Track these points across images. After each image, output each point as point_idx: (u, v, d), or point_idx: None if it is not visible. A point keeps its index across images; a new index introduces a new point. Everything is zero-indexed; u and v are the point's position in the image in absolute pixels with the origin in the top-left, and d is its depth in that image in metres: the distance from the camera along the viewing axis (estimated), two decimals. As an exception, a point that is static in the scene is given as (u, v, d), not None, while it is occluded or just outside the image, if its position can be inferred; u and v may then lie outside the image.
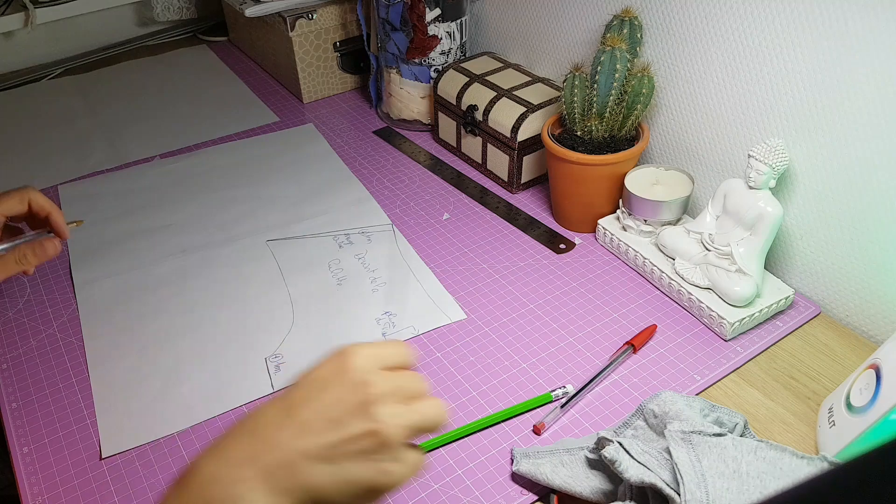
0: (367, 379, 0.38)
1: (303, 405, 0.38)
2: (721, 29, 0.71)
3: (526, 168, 0.89)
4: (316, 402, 0.38)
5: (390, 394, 0.39)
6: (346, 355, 0.39)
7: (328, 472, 0.37)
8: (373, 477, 0.38)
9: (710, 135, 0.77)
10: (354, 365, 0.39)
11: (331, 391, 0.38)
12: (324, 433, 0.37)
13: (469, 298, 0.74)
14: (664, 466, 0.51)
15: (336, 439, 0.37)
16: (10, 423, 0.63)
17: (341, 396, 0.38)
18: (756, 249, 0.68)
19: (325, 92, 1.14)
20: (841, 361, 0.66)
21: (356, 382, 0.38)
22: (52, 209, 0.68)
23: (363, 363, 0.39)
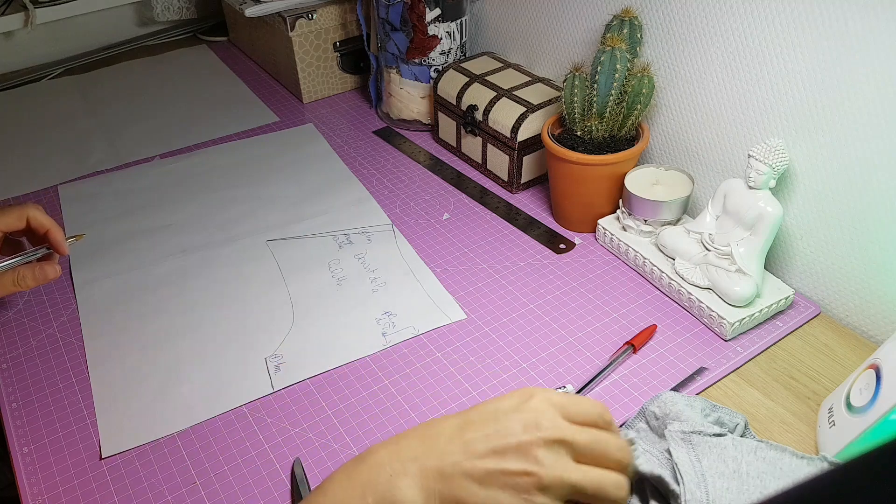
0: (540, 421, 0.41)
1: (475, 427, 0.41)
2: (721, 29, 0.71)
3: (526, 168, 0.89)
4: (487, 428, 0.41)
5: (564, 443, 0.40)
6: (530, 393, 0.42)
7: (478, 493, 0.40)
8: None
9: (710, 135, 0.77)
10: (533, 405, 0.41)
11: (503, 422, 0.41)
12: (485, 459, 0.40)
13: (469, 298, 0.74)
14: (665, 466, 0.51)
15: (494, 468, 0.40)
16: (10, 423, 0.63)
17: (511, 430, 0.41)
18: (756, 249, 0.68)
19: (325, 92, 1.14)
20: (841, 361, 0.66)
21: (528, 422, 0.41)
22: (51, 226, 0.68)
23: (542, 406, 0.41)
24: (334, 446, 0.60)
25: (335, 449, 0.60)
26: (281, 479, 0.58)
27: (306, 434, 0.61)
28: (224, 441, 0.61)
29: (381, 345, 0.69)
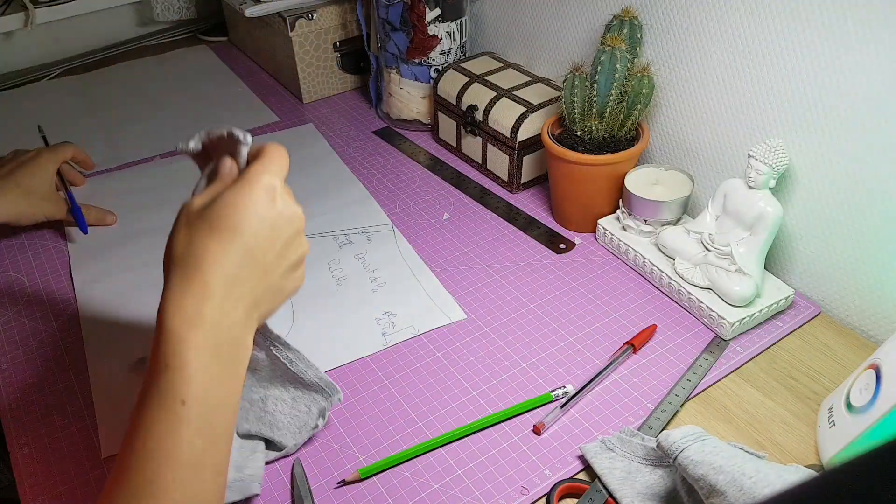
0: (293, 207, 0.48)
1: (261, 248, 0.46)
2: (721, 29, 0.71)
3: (526, 168, 0.89)
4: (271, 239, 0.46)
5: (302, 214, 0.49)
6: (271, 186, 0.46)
7: (276, 296, 0.49)
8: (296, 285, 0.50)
9: (710, 135, 0.77)
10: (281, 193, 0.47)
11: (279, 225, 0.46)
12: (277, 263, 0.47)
13: (469, 298, 0.74)
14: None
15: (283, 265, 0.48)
16: (10, 423, 0.63)
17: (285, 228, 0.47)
18: (756, 249, 0.68)
19: (325, 92, 1.14)
20: (841, 361, 0.66)
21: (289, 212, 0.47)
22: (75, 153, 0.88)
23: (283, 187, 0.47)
24: (334, 446, 0.60)
25: (335, 449, 0.60)
26: (281, 479, 0.58)
27: (306, 434, 0.61)
28: (224, 441, 0.61)
29: (381, 344, 0.69)
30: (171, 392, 0.41)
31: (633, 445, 0.57)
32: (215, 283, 0.43)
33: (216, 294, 0.43)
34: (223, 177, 0.48)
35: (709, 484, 0.48)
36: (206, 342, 0.42)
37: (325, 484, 0.57)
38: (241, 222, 0.44)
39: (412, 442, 0.60)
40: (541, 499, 0.56)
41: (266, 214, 0.45)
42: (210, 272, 0.43)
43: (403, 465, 0.58)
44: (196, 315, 0.43)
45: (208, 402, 0.42)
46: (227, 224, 0.44)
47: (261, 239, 0.45)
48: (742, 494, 0.46)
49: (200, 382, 0.42)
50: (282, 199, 0.46)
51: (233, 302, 0.44)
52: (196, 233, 0.44)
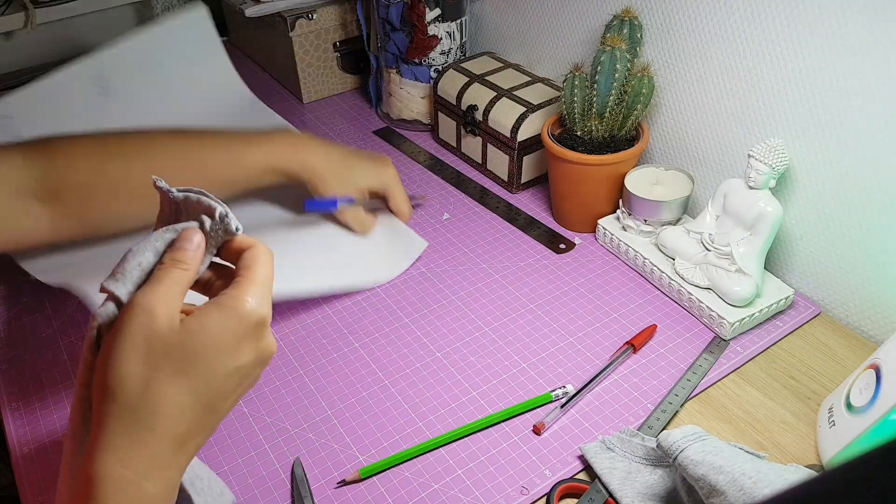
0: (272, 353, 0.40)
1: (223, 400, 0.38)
2: (721, 29, 0.71)
3: (526, 168, 0.89)
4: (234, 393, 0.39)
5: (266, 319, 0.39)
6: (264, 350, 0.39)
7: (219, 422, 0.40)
8: (254, 382, 0.41)
9: (710, 135, 0.77)
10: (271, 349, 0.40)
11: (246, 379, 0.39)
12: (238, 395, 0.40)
13: (469, 298, 0.74)
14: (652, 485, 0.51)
15: (246, 389, 0.40)
16: (10, 423, 0.63)
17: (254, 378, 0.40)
18: (756, 249, 0.68)
19: (325, 92, 1.14)
20: (841, 361, 0.66)
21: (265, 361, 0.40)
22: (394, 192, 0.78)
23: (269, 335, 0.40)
24: (334, 446, 0.60)
25: (335, 449, 0.60)
26: (281, 479, 0.58)
27: (306, 434, 0.61)
28: (224, 441, 0.61)
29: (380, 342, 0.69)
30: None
31: (633, 445, 0.57)
32: (169, 445, 0.35)
33: (164, 462, 0.35)
34: (191, 268, 0.39)
35: (709, 484, 0.48)
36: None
37: (325, 484, 0.57)
38: (218, 371, 0.37)
39: (412, 442, 0.60)
40: (541, 499, 0.56)
41: (247, 361, 0.38)
42: (166, 434, 0.35)
43: (403, 465, 0.58)
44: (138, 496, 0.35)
45: None
46: (201, 372, 0.36)
47: (232, 389, 0.38)
48: (742, 494, 0.46)
49: None
50: (268, 336, 0.39)
51: (177, 466, 0.37)
52: (158, 373, 0.35)
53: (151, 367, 0.35)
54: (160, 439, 0.35)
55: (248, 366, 0.38)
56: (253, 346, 0.38)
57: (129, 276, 0.39)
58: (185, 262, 0.38)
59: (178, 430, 0.36)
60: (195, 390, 0.36)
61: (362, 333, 0.71)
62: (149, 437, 0.35)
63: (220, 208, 0.40)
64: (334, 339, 0.70)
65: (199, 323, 0.36)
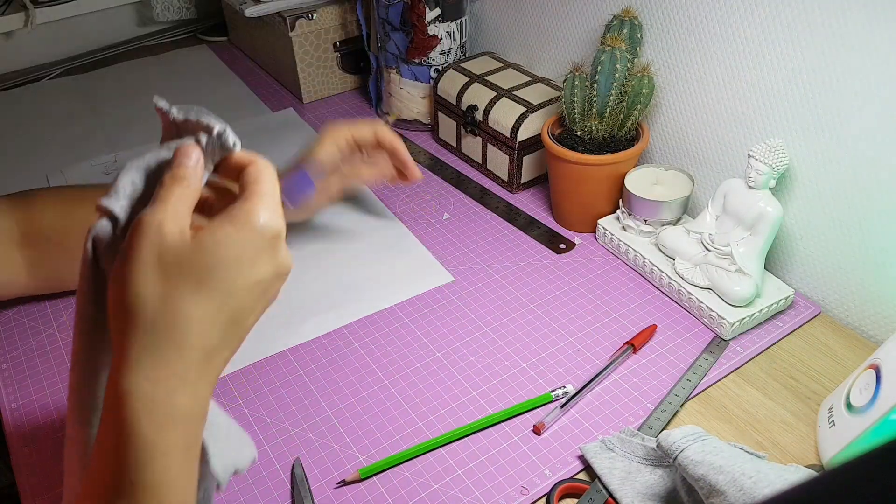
0: (289, 268, 0.39)
1: (245, 314, 0.37)
2: (721, 29, 0.71)
3: (526, 168, 0.89)
4: (256, 307, 0.38)
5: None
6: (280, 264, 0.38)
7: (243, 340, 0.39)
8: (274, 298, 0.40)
9: (710, 135, 0.77)
10: (283, 258, 0.38)
11: (273, 288, 0.38)
12: (260, 310, 0.38)
13: (469, 298, 0.74)
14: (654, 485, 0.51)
15: (267, 304, 0.39)
16: (10, 423, 0.63)
17: (274, 292, 0.39)
18: (756, 249, 0.68)
19: (325, 92, 1.14)
20: (841, 361, 0.66)
21: (284, 275, 0.38)
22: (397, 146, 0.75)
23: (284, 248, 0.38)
24: (334, 446, 0.60)
25: (335, 449, 0.60)
26: (281, 479, 0.58)
27: (306, 434, 0.61)
28: (224, 441, 0.61)
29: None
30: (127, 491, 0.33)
31: (633, 445, 0.57)
32: (195, 363, 0.35)
33: (192, 377, 0.35)
34: (192, 185, 0.38)
35: (709, 484, 0.48)
36: (180, 445, 0.34)
37: (325, 484, 0.57)
38: (238, 284, 0.36)
39: (412, 442, 0.60)
40: (541, 499, 0.56)
41: (267, 275, 0.37)
42: (191, 349, 0.34)
43: (403, 465, 0.58)
44: (171, 411, 0.34)
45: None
46: (221, 286, 0.35)
47: (254, 303, 0.37)
48: (742, 494, 0.46)
49: (172, 493, 0.34)
50: (283, 249, 0.38)
51: (206, 382, 0.36)
52: (176, 287, 0.34)
53: (168, 283, 0.34)
54: (185, 355, 0.34)
55: (267, 280, 0.37)
56: (270, 259, 0.37)
57: (122, 191, 0.38)
58: (187, 178, 0.37)
59: (202, 345, 0.35)
60: (216, 304, 0.35)
61: (362, 333, 0.71)
62: (173, 353, 0.34)
63: (219, 125, 0.39)
64: (334, 338, 0.70)
65: (214, 238, 0.35)
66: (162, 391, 0.34)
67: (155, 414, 0.33)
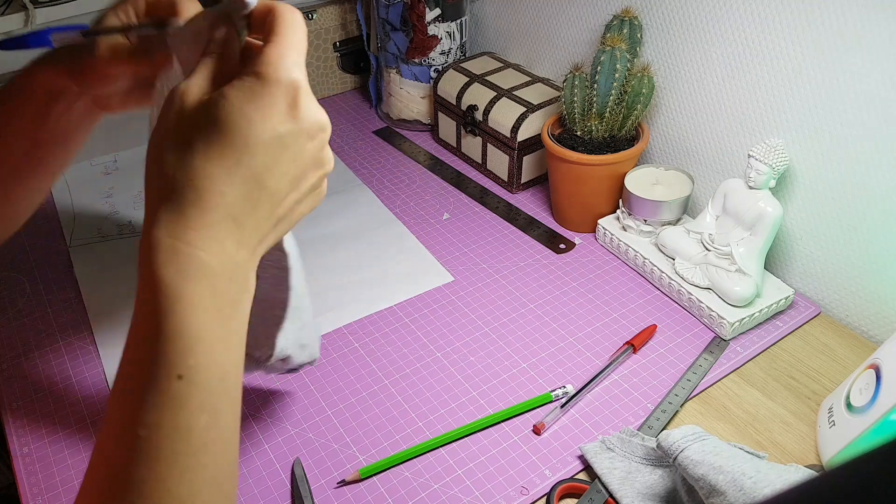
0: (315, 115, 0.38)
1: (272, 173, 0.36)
2: (721, 29, 0.71)
3: (526, 168, 0.89)
4: (280, 166, 0.37)
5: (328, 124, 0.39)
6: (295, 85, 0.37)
7: (286, 226, 0.39)
8: (314, 204, 0.41)
9: (710, 135, 0.77)
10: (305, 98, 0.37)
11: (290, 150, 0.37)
12: (292, 193, 0.38)
13: (469, 298, 0.74)
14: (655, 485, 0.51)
15: (300, 193, 0.39)
16: (10, 423, 0.63)
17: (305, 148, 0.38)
18: (756, 249, 0.68)
19: (324, 92, 1.14)
20: (841, 361, 0.66)
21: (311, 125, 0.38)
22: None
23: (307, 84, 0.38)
24: (334, 446, 0.60)
25: (335, 449, 0.60)
26: (281, 479, 0.58)
27: (306, 434, 0.61)
28: (224, 441, 0.61)
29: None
30: (165, 366, 0.33)
31: (633, 445, 0.57)
32: (216, 220, 0.35)
33: (216, 235, 0.35)
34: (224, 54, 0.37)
35: (709, 484, 0.48)
36: (207, 298, 0.34)
37: (325, 484, 0.57)
38: (253, 142, 0.35)
39: (412, 442, 0.60)
40: (541, 499, 0.56)
41: (285, 129, 0.36)
42: (210, 206, 0.34)
43: (403, 465, 0.58)
44: (194, 263, 0.34)
45: (211, 371, 0.34)
46: (236, 143, 0.34)
47: (276, 164, 0.36)
48: (742, 494, 0.46)
49: (201, 351, 0.34)
50: (305, 103, 0.37)
51: (234, 242, 0.35)
52: (191, 149, 0.34)
53: (185, 145, 0.34)
54: (205, 212, 0.34)
55: (288, 134, 0.36)
56: (286, 112, 0.36)
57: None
58: (213, 52, 0.38)
59: (223, 203, 0.35)
60: (231, 161, 0.35)
61: (362, 333, 0.71)
62: (192, 210, 0.34)
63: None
64: (334, 338, 0.70)
65: (222, 94, 0.35)
66: (183, 244, 0.34)
67: (177, 263, 0.34)
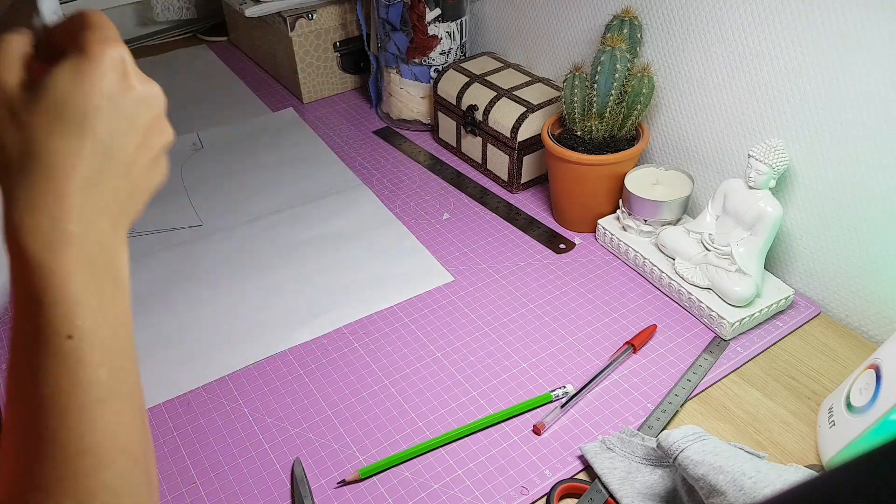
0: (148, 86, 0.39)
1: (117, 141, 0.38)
2: (721, 29, 0.71)
3: (526, 168, 0.89)
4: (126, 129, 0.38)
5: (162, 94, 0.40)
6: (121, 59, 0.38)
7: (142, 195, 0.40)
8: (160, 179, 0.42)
9: (710, 135, 0.77)
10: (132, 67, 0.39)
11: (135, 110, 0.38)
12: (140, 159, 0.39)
13: (469, 298, 0.74)
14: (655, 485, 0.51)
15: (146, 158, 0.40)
16: (10, 423, 0.63)
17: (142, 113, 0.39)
18: (756, 249, 0.68)
19: (325, 92, 1.14)
20: (841, 361, 0.66)
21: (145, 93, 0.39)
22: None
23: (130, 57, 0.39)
24: (334, 446, 0.60)
25: (335, 449, 0.60)
26: (281, 479, 0.58)
27: (306, 434, 0.61)
28: (224, 441, 0.61)
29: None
30: (52, 329, 0.35)
31: (633, 445, 0.57)
32: (72, 190, 0.36)
33: (75, 204, 0.36)
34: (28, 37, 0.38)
35: (709, 484, 0.48)
36: (77, 264, 0.36)
37: (325, 484, 0.57)
38: (91, 111, 0.37)
39: (412, 442, 0.60)
40: (541, 499, 0.56)
41: (120, 98, 0.38)
42: (64, 178, 0.36)
43: (403, 465, 0.58)
44: (58, 234, 0.36)
45: (101, 328, 0.36)
46: (75, 116, 0.36)
47: (117, 130, 0.38)
48: (742, 494, 0.46)
49: (85, 311, 0.36)
50: (135, 75, 0.39)
51: (95, 210, 0.37)
52: (32, 127, 0.36)
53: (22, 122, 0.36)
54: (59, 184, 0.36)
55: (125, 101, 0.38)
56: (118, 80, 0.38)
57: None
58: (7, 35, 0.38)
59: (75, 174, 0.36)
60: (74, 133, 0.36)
61: (362, 333, 0.71)
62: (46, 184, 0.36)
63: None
64: (334, 339, 0.70)
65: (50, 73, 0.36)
66: (46, 220, 0.35)
67: (43, 238, 0.35)
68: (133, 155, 0.39)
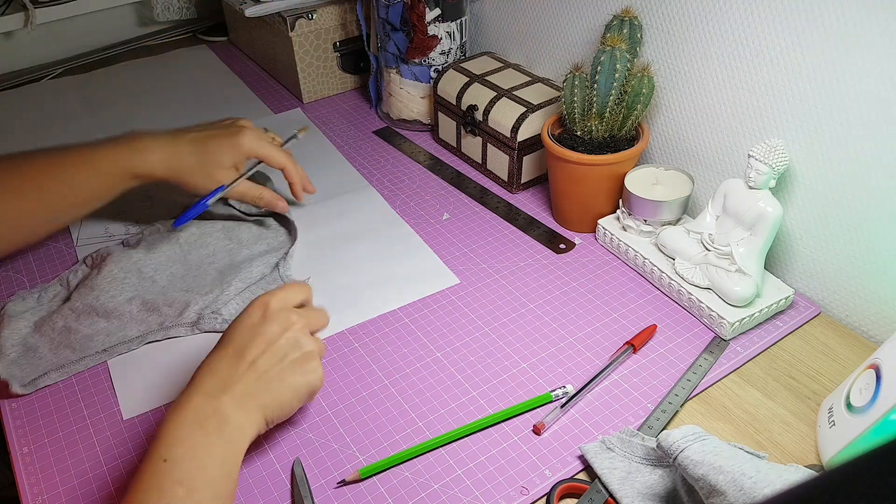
0: (285, 315, 0.56)
1: (247, 347, 0.54)
2: (721, 29, 0.71)
3: (526, 168, 0.89)
4: (256, 340, 0.54)
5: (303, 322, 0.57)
6: (265, 303, 0.56)
7: (278, 387, 0.54)
8: (307, 379, 0.56)
9: (710, 135, 0.77)
10: (274, 307, 0.56)
11: (265, 329, 0.55)
12: (267, 359, 0.54)
13: (469, 298, 0.74)
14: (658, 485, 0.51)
15: (276, 360, 0.54)
16: (10, 424, 0.63)
17: (272, 330, 0.55)
18: (756, 249, 0.68)
19: (325, 92, 1.14)
20: (841, 361, 0.66)
21: (280, 320, 0.55)
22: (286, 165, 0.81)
23: (279, 304, 0.56)
24: (334, 446, 0.60)
25: (335, 449, 0.60)
26: (281, 479, 0.58)
27: (306, 434, 0.61)
28: (224, 441, 0.61)
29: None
30: (155, 454, 0.49)
31: (633, 445, 0.57)
32: (204, 380, 0.53)
33: (202, 387, 0.52)
34: None
35: (709, 484, 0.48)
36: (186, 419, 0.50)
37: (325, 484, 0.57)
38: (231, 333, 0.55)
39: (412, 442, 0.60)
40: (541, 499, 0.56)
41: (253, 324, 0.55)
42: (202, 374, 0.53)
43: (403, 465, 0.58)
44: (181, 402, 0.51)
45: (190, 459, 0.49)
46: (224, 339, 0.55)
47: (246, 342, 0.54)
48: (742, 494, 0.46)
49: (179, 446, 0.49)
50: (276, 311, 0.55)
51: (223, 391, 0.52)
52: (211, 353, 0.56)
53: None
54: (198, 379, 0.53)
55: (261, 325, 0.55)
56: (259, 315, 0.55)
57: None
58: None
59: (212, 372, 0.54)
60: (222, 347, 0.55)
61: (362, 333, 0.71)
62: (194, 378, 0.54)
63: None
64: (334, 339, 0.70)
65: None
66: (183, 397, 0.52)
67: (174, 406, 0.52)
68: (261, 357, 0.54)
